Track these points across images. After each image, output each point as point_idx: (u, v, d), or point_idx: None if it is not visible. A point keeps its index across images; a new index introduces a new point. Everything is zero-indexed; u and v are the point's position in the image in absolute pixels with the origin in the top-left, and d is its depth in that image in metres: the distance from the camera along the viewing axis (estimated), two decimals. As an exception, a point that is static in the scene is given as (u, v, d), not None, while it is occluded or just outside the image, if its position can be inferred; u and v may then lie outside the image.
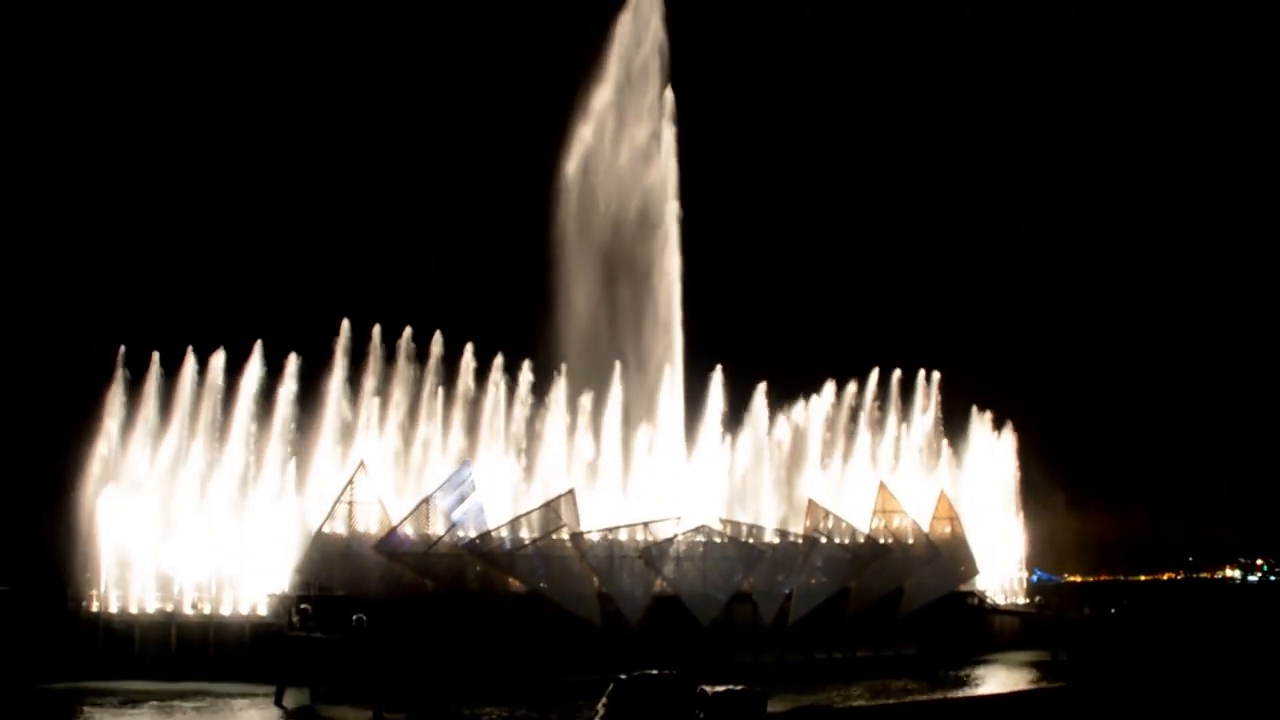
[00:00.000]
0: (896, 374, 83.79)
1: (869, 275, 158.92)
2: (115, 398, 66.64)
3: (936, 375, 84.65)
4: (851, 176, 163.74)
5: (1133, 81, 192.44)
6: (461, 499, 62.76)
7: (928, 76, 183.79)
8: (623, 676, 25.48)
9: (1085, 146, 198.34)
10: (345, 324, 68.93)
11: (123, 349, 67.44)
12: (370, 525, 61.70)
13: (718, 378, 76.17)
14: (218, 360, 67.09)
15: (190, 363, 66.92)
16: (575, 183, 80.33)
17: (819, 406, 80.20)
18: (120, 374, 66.87)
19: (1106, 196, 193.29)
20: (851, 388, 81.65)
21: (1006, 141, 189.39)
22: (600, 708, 25.22)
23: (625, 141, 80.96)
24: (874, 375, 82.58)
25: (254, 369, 66.77)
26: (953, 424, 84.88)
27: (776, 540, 67.98)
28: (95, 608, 61.55)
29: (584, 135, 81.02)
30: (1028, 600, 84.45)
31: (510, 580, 61.66)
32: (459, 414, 70.85)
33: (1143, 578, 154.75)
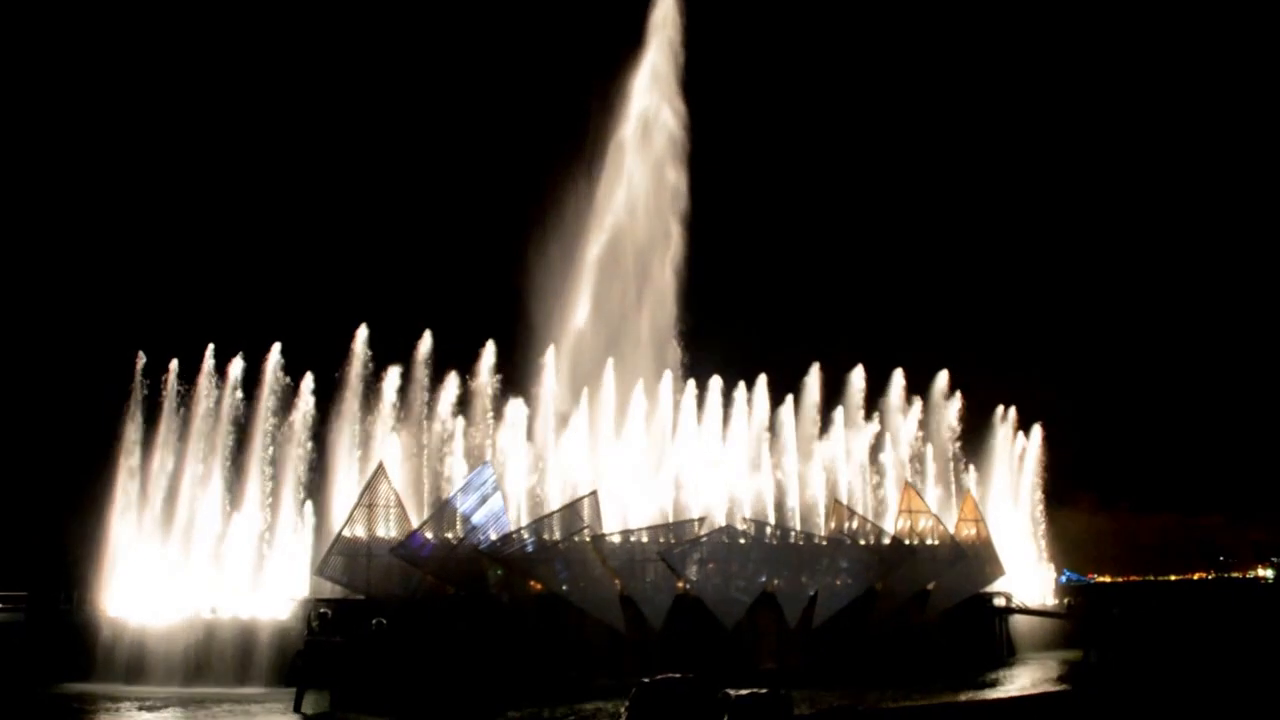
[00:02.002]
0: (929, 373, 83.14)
1: (897, 274, 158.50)
2: (134, 402, 66.64)
3: (963, 374, 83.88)
4: (868, 173, 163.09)
5: (1146, 76, 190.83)
6: (482, 501, 62.17)
7: (933, 74, 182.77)
8: (645, 680, 24.82)
9: (1114, 141, 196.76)
10: (362, 329, 68.72)
11: (141, 356, 67.30)
12: (390, 528, 61.26)
13: (716, 381, 75.93)
14: (236, 365, 67.00)
15: (208, 367, 66.82)
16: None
17: (839, 406, 79.46)
18: (139, 379, 66.81)
19: (1138, 192, 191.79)
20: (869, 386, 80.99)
21: (1030, 138, 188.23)
22: (623, 711, 24.58)
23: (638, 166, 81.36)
24: (898, 374, 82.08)
25: (272, 371, 66.57)
26: (979, 423, 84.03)
27: (801, 541, 67.22)
28: (111, 611, 61.41)
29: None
30: (1057, 601, 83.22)
31: (531, 583, 61.05)
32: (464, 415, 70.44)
33: (1173, 577, 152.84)
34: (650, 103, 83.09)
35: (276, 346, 67.06)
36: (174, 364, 67.20)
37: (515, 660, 56.03)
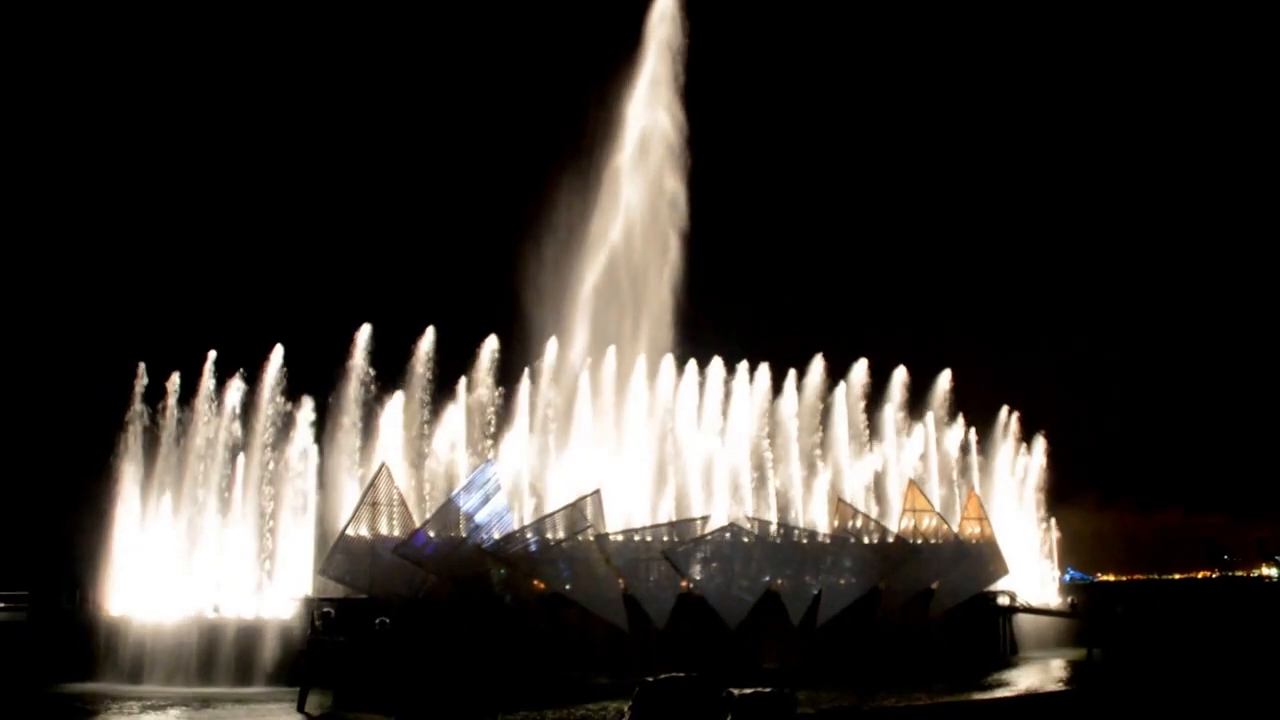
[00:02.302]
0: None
1: (901, 272, 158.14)
2: (136, 404, 66.47)
3: (968, 371, 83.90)
4: (871, 175, 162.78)
5: (1147, 75, 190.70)
6: (485, 500, 62.05)
7: (937, 75, 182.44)
8: (649, 679, 24.73)
9: (1115, 139, 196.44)
10: (365, 329, 68.70)
11: (143, 377, 66.92)
12: (393, 527, 61.22)
13: (717, 368, 76.05)
14: (236, 378, 66.77)
15: (209, 373, 66.56)
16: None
17: (843, 403, 79.31)
18: (140, 386, 66.56)
19: (1146, 188, 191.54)
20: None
21: (1031, 139, 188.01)
22: (626, 710, 24.49)
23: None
24: (901, 371, 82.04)
25: (271, 375, 66.38)
26: (984, 423, 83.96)
27: (805, 540, 67.06)
28: (114, 611, 61.39)
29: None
30: (1061, 600, 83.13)
31: (535, 582, 60.95)
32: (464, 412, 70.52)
33: (1177, 576, 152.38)
34: (648, 109, 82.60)
35: (279, 349, 66.80)
36: (175, 378, 66.77)
37: (518, 659, 55.88)
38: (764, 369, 77.31)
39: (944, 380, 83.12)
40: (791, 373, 77.92)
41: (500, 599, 59.45)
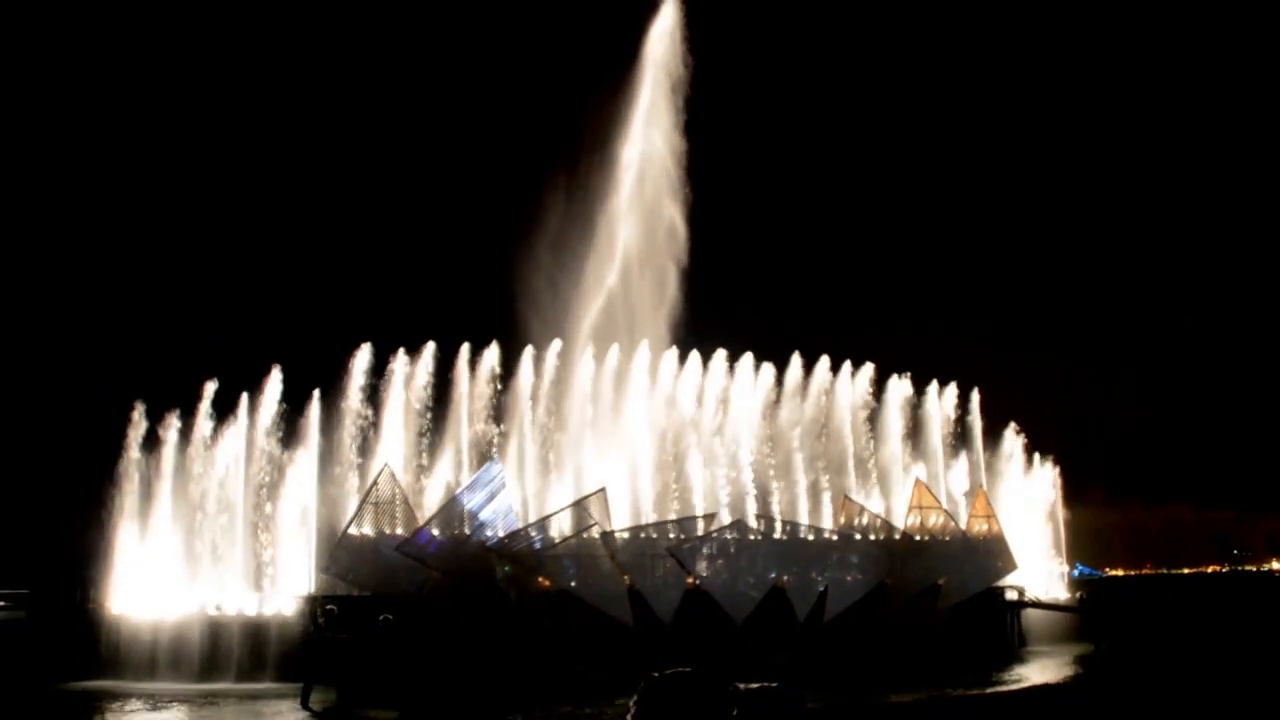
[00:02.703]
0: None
1: (903, 276, 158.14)
2: (139, 407, 66.23)
3: (971, 374, 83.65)
4: (872, 182, 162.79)
5: (1155, 74, 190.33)
6: (490, 498, 61.81)
7: (952, 73, 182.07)
8: (654, 674, 24.34)
9: (1111, 136, 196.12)
10: (364, 349, 68.56)
11: (140, 414, 66.05)
12: (396, 526, 61.00)
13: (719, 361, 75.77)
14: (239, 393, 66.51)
15: (206, 404, 66.17)
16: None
17: (849, 400, 78.89)
18: (140, 411, 66.25)
19: (1158, 185, 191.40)
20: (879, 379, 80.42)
21: (1035, 138, 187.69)
22: (631, 706, 24.10)
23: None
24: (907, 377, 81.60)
25: (274, 383, 66.10)
26: (991, 420, 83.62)
27: (811, 536, 66.83)
28: (115, 608, 61.14)
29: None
30: (1070, 595, 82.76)
31: (539, 579, 60.66)
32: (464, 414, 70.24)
33: (1186, 571, 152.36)
34: (647, 121, 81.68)
35: (276, 370, 66.37)
36: (174, 418, 66.21)
37: (521, 656, 55.54)
38: (767, 368, 77.18)
39: (950, 392, 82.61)
40: (795, 361, 77.88)
41: (503, 595, 59.17)
